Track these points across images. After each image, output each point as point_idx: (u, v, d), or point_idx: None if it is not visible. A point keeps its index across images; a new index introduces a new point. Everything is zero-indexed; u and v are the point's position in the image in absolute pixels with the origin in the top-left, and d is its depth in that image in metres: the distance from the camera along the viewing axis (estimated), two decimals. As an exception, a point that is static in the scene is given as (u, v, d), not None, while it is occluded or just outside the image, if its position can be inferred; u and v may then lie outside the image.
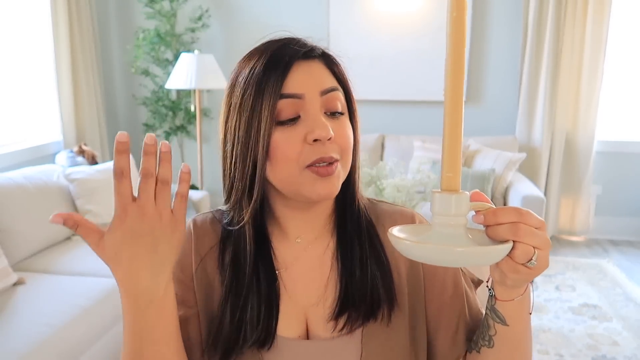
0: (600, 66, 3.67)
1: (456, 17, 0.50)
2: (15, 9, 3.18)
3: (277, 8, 4.03)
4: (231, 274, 0.70)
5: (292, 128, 0.64)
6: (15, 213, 2.33)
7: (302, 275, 0.72)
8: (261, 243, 0.71)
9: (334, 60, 0.69)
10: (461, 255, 0.48)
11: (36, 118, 3.40)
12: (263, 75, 0.64)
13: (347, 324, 0.68)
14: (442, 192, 0.51)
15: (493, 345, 0.64)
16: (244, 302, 0.68)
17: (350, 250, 0.71)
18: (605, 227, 4.04)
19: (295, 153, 0.63)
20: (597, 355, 2.39)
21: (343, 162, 0.66)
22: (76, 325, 1.86)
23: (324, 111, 0.65)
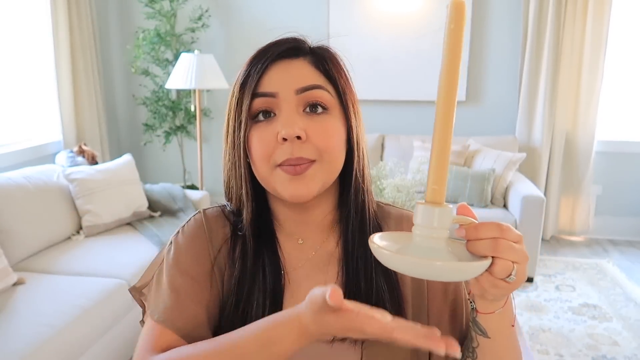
0: (600, 66, 3.67)
1: (454, 29, 0.51)
2: (15, 9, 3.18)
3: (277, 8, 4.03)
4: (239, 267, 0.70)
5: (265, 126, 0.64)
6: (15, 213, 2.32)
7: (307, 278, 0.71)
8: (267, 240, 0.71)
9: (324, 58, 0.68)
10: (439, 269, 0.48)
11: (36, 118, 3.40)
12: (244, 76, 0.66)
13: None
14: (425, 204, 0.51)
15: (476, 357, 0.64)
16: (248, 296, 0.68)
17: (355, 261, 0.69)
18: (605, 227, 4.04)
19: (267, 151, 0.64)
20: (597, 355, 2.39)
21: (325, 163, 0.65)
22: (76, 325, 1.86)
23: (303, 108, 0.65)
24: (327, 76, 0.67)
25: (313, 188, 0.65)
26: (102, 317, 2.02)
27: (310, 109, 0.65)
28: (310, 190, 0.64)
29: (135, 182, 2.90)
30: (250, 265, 0.69)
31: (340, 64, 0.70)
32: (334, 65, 0.69)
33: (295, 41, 0.68)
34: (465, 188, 3.31)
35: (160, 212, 2.94)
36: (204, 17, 3.99)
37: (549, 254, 3.68)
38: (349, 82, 0.70)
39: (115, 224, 2.71)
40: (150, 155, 4.44)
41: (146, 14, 3.91)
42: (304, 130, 0.63)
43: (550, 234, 3.99)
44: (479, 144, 3.64)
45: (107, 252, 2.43)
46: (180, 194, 3.00)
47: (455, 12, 0.51)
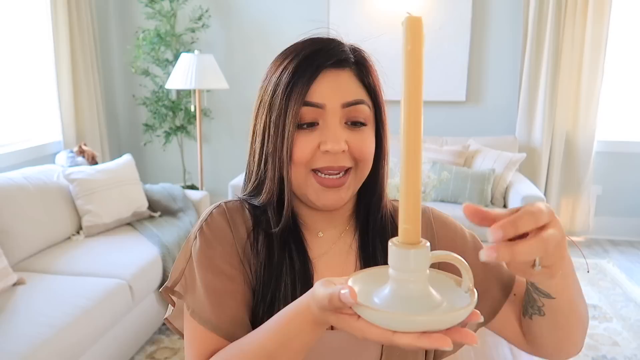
0: (600, 66, 3.67)
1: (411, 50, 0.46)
2: (15, 9, 3.18)
3: (277, 8, 4.03)
4: (265, 257, 0.71)
5: (309, 133, 0.67)
6: (15, 213, 2.32)
7: (328, 267, 0.74)
8: (293, 232, 0.73)
9: (368, 71, 0.70)
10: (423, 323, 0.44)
11: (36, 118, 3.40)
12: (292, 80, 0.66)
13: None
14: (399, 246, 0.46)
15: (544, 314, 0.65)
16: (277, 278, 0.70)
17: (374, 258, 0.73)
18: (605, 227, 4.04)
19: (307, 157, 0.66)
20: (597, 355, 2.39)
21: (357, 171, 0.69)
22: (76, 325, 1.86)
23: (345, 121, 0.68)
24: (368, 90, 0.70)
25: (345, 198, 0.69)
26: (102, 317, 2.02)
27: (352, 124, 0.68)
28: (343, 199, 0.69)
29: (135, 182, 2.90)
30: (278, 255, 0.71)
31: (377, 76, 0.72)
32: (374, 78, 0.71)
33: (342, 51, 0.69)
34: (465, 188, 3.31)
35: (160, 212, 2.94)
36: (204, 17, 3.99)
37: (549, 254, 3.68)
38: (383, 94, 0.73)
39: (115, 224, 2.71)
40: (150, 155, 4.44)
41: (146, 14, 3.91)
42: (346, 143, 0.66)
43: (550, 234, 3.98)
44: (479, 144, 3.64)
45: (107, 252, 2.43)
46: (180, 194, 3.00)
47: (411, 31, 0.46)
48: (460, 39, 3.81)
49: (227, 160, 4.36)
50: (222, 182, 4.25)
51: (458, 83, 3.88)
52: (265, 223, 0.73)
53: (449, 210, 3.17)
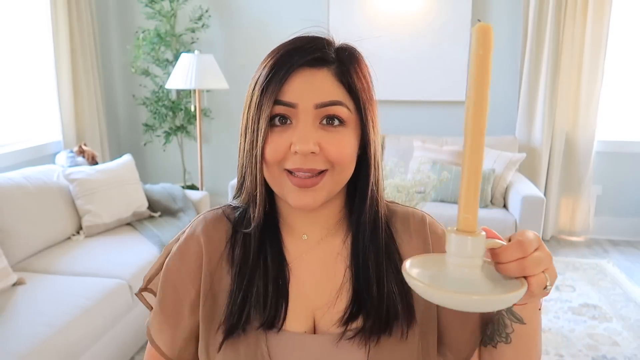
0: (600, 66, 3.67)
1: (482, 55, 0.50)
2: (15, 9, 3.18)
3: (277, 8, 4.03)
4: (240, 259, 0.71)
5: (282, 132, 0.66)
6: (15, 213, 2.32)
7: (312, 273, 0.72)
8: (271, 234, 0.72)
9: (349, 70, 0.67)
10: (477, 302, 0.49)
11: (36, 118, 3.40)
12: (267, 78, 0.65)
13: (357, 335, 0.68)
14: (458, 233, 0.50)
15: (510, 341, 0.66)
16: (249, 283, 0.69)
17: (364, 265, 0.70)
18: (605, 227, 4.04)
19: (279, 157, 0.65)
20: (597, 355, 2.39)
21: (334, 173, 0.66)
22: (76, 325, 1.86)
23: (320, 121, 0.66)
24: (349, 90, 0.67)
25: (319, 199, 0.66)
26: (102, 317, 2.02)
27: (327, 122, 0.66)
28: (316, 201, 0.66)
29: (135, 182, 2.90)
30: (253, 257, 0.70)
31: (364, 75, 0.70)
32: (358, 78, 0.68)
33: (322, 49, 0.67)
34: (465, 188, 3.31)
35: (160, 212, 2.94)
36: (204, 17, 3.99)
37: (549, 254, 3.68)
38: (371, 94, 0.71)
39: (115, 224, 2.71)
40: (150, 155, 4.44)
41: (146, 14, 3.91)
42: (317, 144, 0.64)
43: (550, 234, 3.99)
44: (479, 144, 3.63)
45: (107, 252, 2.43)
46: (180, 194, 3.00)
47: (482, 37, 0.50)
48: (460, 39, 3.81)
49: (227, 160, 4.35)
50: (222, 182, 4.25)
51: (458, 83, 3.88)
52: (245, 224, 0.72)
53: (448, 210, 3.19)
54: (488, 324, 0.71)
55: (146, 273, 0.77)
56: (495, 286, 0.51)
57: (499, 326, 0.66)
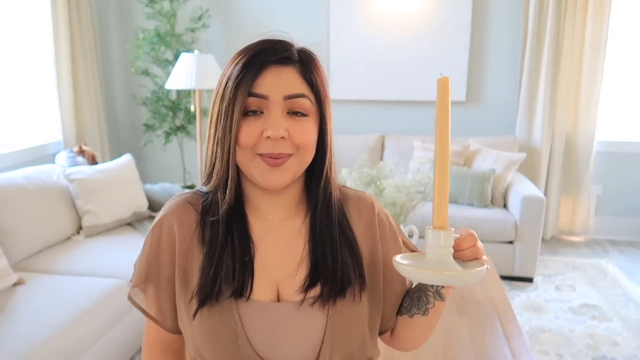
0: (600, 66, 3.67)
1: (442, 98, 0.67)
2: (15, 9, 3.18)
3: (277, 8, 4.03)
4: (209, 239, 0.80)
5: (254, 120, 0.75)
6: (15, 213, 2.33)
7: (274, 249, 0.82)
8: (237, 216, 0.81)
9: (310, 69, 0.78)
10: (452, 277, 0.65)
11: (36, 118, 3.40)
12: (240, 73, 0.74)
13: (317, 301, 0.78)
14: (434, 230, 0.67)
15: (428, 314, 0.82)
16: (219, 260, 0.78)
17: (321, 240, 0.81)
18: (605, 227, 4.04)
19: (252, 141, 0.75)
20: (597, 355, 2.39)
21: (300, 156, 0.77)
22: (76, 325, 1.86)
23: (287, 111, 0.76)
24: (311, 85, 0.77)
25: (286, 178, 0.76)
26: (102, 317, 2.02)
27: (293, 113, 0.76)
28: (284, 180, 0.76)
29: (135, 182, 2.90)
30: (222, 237, 0.79)
31: (322, 74, 0.79)
32: (318, 76, 0.78)
33: (288, 50, 0.77)
34: (465, 188, 3.31)
35: (160, 212, 2.94)
36: (204, 17, 3.99)
37: (549, 254, 3.68)
38: (327, 90, 0.80)
39: (115, 224, 2.72)
40: (150, 155, 4.45)
41: (146, 14, 3.91)
42: (286, 131, 0.74)
43: (550, 234, 3.99)
44: (479, 144, 3.64)
45: (107, 252, 2.43)
46: (180, 194, 3.00)
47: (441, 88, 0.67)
48: (460, 39, 3.81)
49: (227, 160, 4.35)
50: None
51: (458, 83, 3.88)
52: (213, 209, 0.81)
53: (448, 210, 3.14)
54: (405, 298, 0.88)
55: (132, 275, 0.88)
56: (464, 267, 0.67)
57: (420, 302, 0.82)
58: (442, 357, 1.66)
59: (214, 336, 0.77)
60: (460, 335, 1.78)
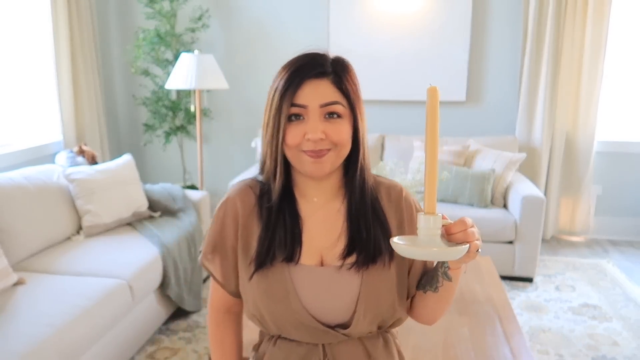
0: (600, 66, 3.67)
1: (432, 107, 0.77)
2: (15, 9, 3.18)
3: (277, 8, 4.03)
4: (266, 216, 0.98)
5: (297, 124, 0.91)
6: (15, 213, 2.33)
7: (319, 224, 0.99)
8: (288, 196, 0.98)
9: (344, 79, 0.93)
10: (436, 253, 0.78)
11: (36, 118, 3.40)
12: (284, 87, 0.91)
13: (354, 266, 0.95)
14: (425, 215, 0.78)
15: (437, 291, 0.95)
16: (273, 231, 0.96)
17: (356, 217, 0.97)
18: (605, 227, 4.04)
19: (297, 142, 0.91)
20: (597, 355, 2.39)
21: (337, 151, 0.93)
22: (76, 325, 1.86)
23: (324, 115, 0.91)
24: (343, 93, 0.92)
25: (326, 168, 0.93)
26: (102, 317, 2.02)
27: (329, 116, 0.91)
28: (324, 170, 0.93)
29: (135, 182, 2.90)
30: (275, 214, 0.97)
31: (353, 80, 0.94)
32: (349, 83, 0.93)
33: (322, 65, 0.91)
34: (465, 188, 3.32)
35: (160, 212, 2.94)
36: (204, 18, 3.99)
37: (549, 254, 3.68)
38: (359, 94, 0.95)
39: (115, 224, 2.71)
40: (150, 155, 4.45)
41: (146, 14, 3.92)
42: (323, 132, 0.90)
43: (550, 234, 3.99)
44: (479, 144, 3.64)
45: (107, 252, 2.43)
46: (180, 194, 3.00)
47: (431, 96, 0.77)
48: (460, 39, 3.81)
49: (227, 160, 4.36)
50: (222, 182, 4.25)
51: (458, 83, 3.88)
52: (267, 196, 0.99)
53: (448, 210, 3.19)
54: (422, 277, 1.01)
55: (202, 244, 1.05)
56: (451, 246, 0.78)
57: (432, 280, 0.95)
58: (442, 357, 1.66)
59: (269, 293, 0.94)
60: (460, 335, 1.78)
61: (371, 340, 0.99)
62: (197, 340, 2.51)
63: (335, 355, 0.97)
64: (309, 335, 0.95)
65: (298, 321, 0.94)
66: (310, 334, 0.95)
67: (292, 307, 0.93)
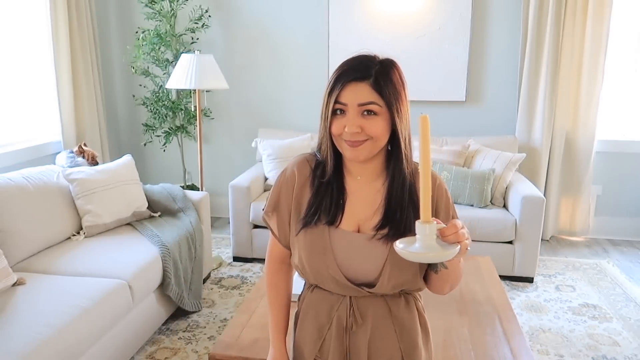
0: (600, 66, 3.67)
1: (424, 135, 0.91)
2: (14, 9, 3.18)
3: (277, 8, 4.03)
4: (317, 185, 1.15)
5: (340, 118, 1.07)
6: (15, 213, 2.32)
7: (360, 199, 1.14)
8: (338, 173, 1.15)
9: (381, 83, 1.06)
10: (431, 256, 0.91)
11: (36, 118, 3.40)
12: (331, 87, 1.07)
13: (384, 237, 1.09)
14: (422, 223, 0.90)
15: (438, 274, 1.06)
16: (321, 198, 1.14)
17: (394, 198, 1.11)
18: (605, 227, 4.04)
19: (339, 132, 1.08)
20: (597, 355, 2.39)
21: (372, 142, 1.07)
22: (76, 325, 1.86)
23: (362, 112, 1.06)
24: (381, 94, 1.06)
25: (362, 155, 1.08)
26: (102, 317, 2.02)
27: (367, 113, 1.06)
28: (359, 157, 1.08)
29: (135, 182, 2.90)
30: (325, 186, 1.14)
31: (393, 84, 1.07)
32: (386, 86, 1.06)
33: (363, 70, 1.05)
34: (465, 188, 3.31)
35: (160, 213, 2.94)
36: (204, 18, 3.99)
37: (549, 254, 3.68)
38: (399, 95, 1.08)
39: (115, 224, 2.71)
40: (150, 156, 4.45)
41: (146, 14, 3.92)
42: (359, 126, 1.05)
43: (550, 234, 3.99)
44: (479, 144, 3.64)
45: (107, 252, 2.43)
46: (180, 194, 3.00)
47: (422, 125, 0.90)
48: (460, 39, 3.81)
49: (227, 160, 4.36)
50: (222, 182, 4.25)
51: (458, 83, 3.88)
52: (321, 170, 1.16)
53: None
54: None
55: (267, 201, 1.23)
56: (443, 249, 0.90)
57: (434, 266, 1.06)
58: (442, 357, 1.66)
59: (311, 248, 1.12)
60: (460, 335, 1.78)
61: (394, 298, 1.14)
62: (197, 340, 2.51)
63: (360, 307, 1.13)
64: (339, 287, 1.12)
65: (331, 275, 1.11)
66: (340, 287, 1.12)
67: (327, 262, 1.11)
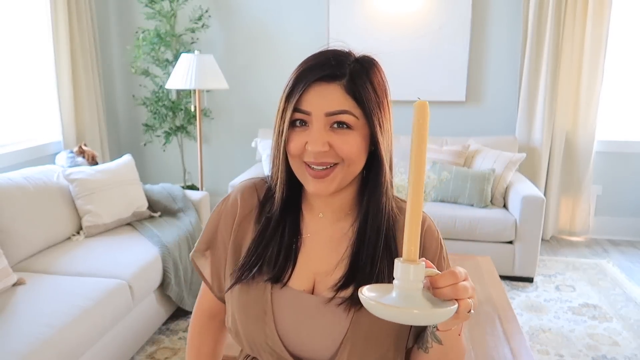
0: (600, 66, 3.67)
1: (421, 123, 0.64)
2: (15, 9, 3.18)
3: (277, 8, 4.03)
4: (263, 223, 0.87)
5: (301, 132, 0.80)
6: (15, 213, 2.32)
7: (320, 245, 0.87)
8: (292, 207, 0.87)
9: (357, 84, 0.78)
10: (416, 315, 0.59)
11: (36, 118, 3.40)
12: (290, 89, 0.79)
13: (346, 302, 0.81)
14: (403, 262, 0.62)
15: (428, 352, 0.79)
16: (266, 244, 0.86)
17: (364, 245, 0.83)
18: (605, 227, 4.04)
19: (298, 151, 0.80)
20: (597, 355, 2.39)
21: (345, 166, 0.79)
22: (76, 325, 1.86)
23: (331, 125, 0.78)
24: (357, 100, 0.78)
25: (331, 188, 0.80)
26: (102, 317, 2.02)
27: (338, 125, 0.78)
28: (328, 189, 0.80)
29: (135, 182, 2.90)
30: (274, 225, 0.86)
31: (374, 86, 0.79)
32: (365, 89, 0.78)
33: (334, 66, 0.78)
34: (465, 188, 3.31)
35: (160, 213, 2.94)
36: (204, 18, 3.99)
37: (549, 254, 3.68)
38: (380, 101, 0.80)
39: (115, 224, 2.71)
40: (150, 156, 4.45)
41: (146, 14, 3.92)
42: (327, 143, 0.77)
43: (550, 234, 3.99)
44: (479, 144, 3.64)
45: (107, 252, 2.43)
46: (180, 194, 3.00)
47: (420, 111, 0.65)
48: (460, 39, 3.81)
49: (227, 160, 4.36)
50: (222, 182, 4.25)
51: (458, 83, 3.88)
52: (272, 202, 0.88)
53: (448, 210, 3.18)
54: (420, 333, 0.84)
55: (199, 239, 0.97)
56: (432, 305, 0.61)
57: (422, 339, 0.81)
58: (442, 357, 1.66)
59: (247, 310, 0.84)
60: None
61: None
62: (197, 340, 2.51)
63: None
64: None
65: (270, 347, 0.83)
66: None
67: (266, 331, 0.83)
